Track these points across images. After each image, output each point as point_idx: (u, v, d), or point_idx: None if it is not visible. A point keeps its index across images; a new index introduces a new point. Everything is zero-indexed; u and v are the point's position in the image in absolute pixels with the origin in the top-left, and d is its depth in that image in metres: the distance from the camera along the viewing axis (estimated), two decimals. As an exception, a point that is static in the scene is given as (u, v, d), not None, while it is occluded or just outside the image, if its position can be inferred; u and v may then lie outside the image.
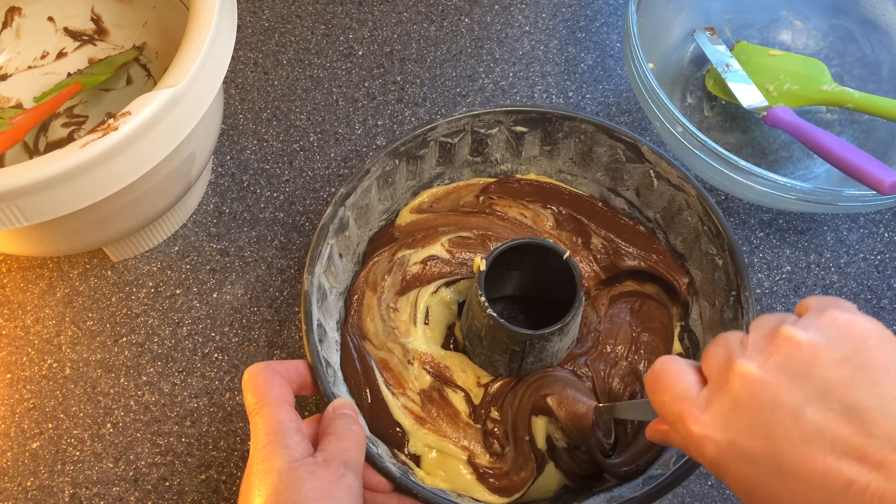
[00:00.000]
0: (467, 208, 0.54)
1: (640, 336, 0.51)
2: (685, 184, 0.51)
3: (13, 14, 0.60)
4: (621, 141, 0.52)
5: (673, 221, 0.53)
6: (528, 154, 0.55)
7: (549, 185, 0.55)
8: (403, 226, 0.53)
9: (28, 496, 0.50)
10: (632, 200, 0.54)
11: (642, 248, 0.53)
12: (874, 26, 0.66)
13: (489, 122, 0.52)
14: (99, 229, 0.50)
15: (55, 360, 0.55)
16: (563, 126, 0.53)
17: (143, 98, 0.42)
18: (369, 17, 0.70)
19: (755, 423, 0.29)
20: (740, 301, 0.47)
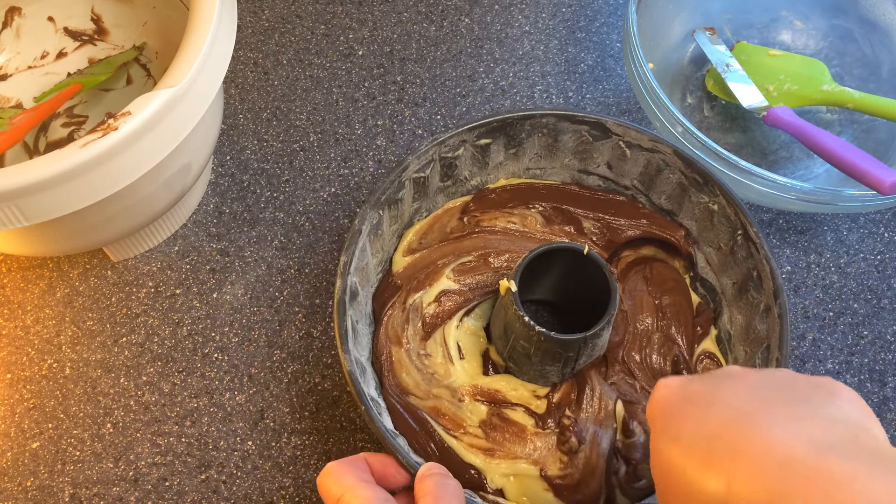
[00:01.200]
0: (456, 233, 0.53)
1: (661, 301, 0.52)
2: (659, 145, 0.51)
3: (13, 14, 0.60)
4: (584, 123, 0.52)
5: (653, 182, 0.53)
6: (494, 163, 0.54)
7: (523, 185, 0.55)
8: (401, 271, 0.52)
9: (28, 496, 0.50)
10: (605, 175, 0.55)
11: (630, 216, 0.54)
12: (874, 26, 0.66)
13: (454, 145, 0.51)
14: (99, 229, 0.50)
15: (55, 360, 0.55)
16: (524, 126, 0.52)
17: (143, 98, 0.42)
18: (369, 17, 0.70)
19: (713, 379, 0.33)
20: (749, 237, 0.49)
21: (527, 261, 0.46)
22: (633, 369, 0.50)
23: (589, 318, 0.46)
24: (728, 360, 0.51)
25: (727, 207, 0.50)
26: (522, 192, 0.55)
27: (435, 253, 0.52)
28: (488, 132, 0.52)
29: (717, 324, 0.52)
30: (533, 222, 0.54)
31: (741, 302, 0.51)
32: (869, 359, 0.57)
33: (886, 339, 0.58)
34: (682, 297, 0.53)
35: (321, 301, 0.57)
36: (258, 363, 0.55)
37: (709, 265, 0.53)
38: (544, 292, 0.54)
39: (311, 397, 0.54)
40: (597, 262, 0.46)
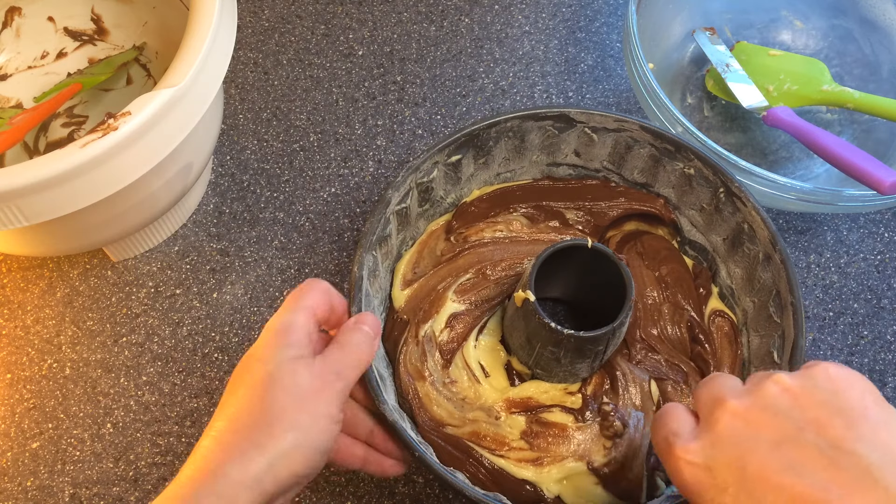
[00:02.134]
0: (447, 254, 0.52)
1: (660, 272, 0.53)
2: (625, 123, 0.51)
3: (13, 14, 0.60)
4: (548, 118, 0.52)
5: (624, 160, 0.54)
6: (465, 176, 0.53)
7: (498, 191, 0.55)
8: (404, 306, 0.51)
9: (28, 496, 0.50)
10: (573, 163, 0.55)
11: (607, 197, 0.54)
12: (874, 26, 0.66)
13: (428, 169, 0.50)
14: (99, 229, 0.50)
15: (55, 360, 0.55)
16: (490, 134, 0.52)
17: (143, 98, 0.42)
18: (369, 17, 0.70)
19: (734, 454, 0.32)
20: (732, 192, 0.49)
21: (536, 267, 0.45)
22: (653, 345, 0.51)
23: (601, 307, 0.47)
24: (737, 314, 0.52)
25: (704, 169, 0.51)
26: (500, 199, 0.54)
27: (432, 279, 0.51)
28: (458, 148, 0.51)
29: (717, 281, 0.53)
30: (518, 226, 0.54)
31: (737, 256, 0.51)
32: (869, 359, 0.57)
33: (886, 339, 0.58)
34: (677, 263, 0.53)
35: (321, 301, 0.57)
36: (258, 363, 0.55)
37: (694, 227, 0.54)
38: (553, 291, 0.54)
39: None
40: (603, 253, 0.46)
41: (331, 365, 0.38)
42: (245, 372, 0.37)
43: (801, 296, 0.47)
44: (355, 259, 0.46)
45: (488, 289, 0.51)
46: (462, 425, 0.47)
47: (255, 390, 0.36)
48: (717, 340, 0.51)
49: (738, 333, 0.51)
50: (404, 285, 0.51)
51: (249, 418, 0.35)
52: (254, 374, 0.37)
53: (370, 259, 0.47)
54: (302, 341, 0.38)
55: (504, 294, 0.52)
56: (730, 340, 0.51)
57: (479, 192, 0.55)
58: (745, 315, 0.51)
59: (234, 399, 0.36)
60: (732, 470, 0.31)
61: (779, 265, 0.47)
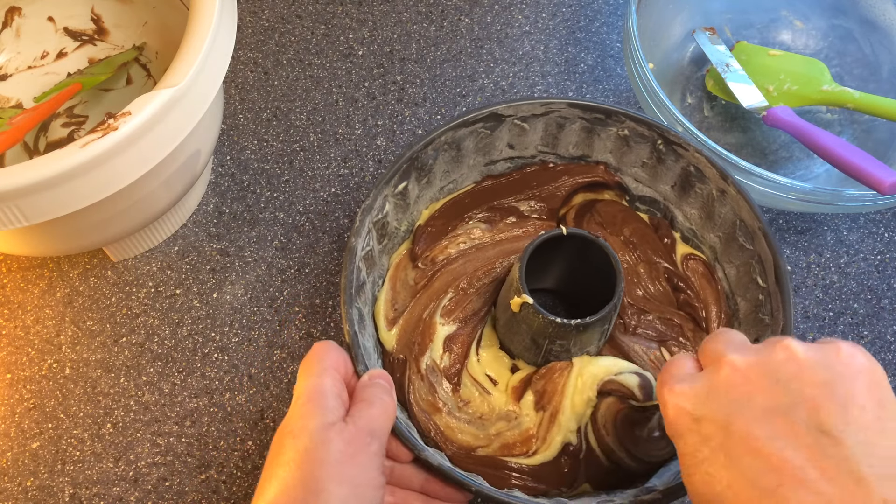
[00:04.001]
0: (421, 281, 0.52)
1: (624, 235, 0.54)
2: (552, 105, 0.52)
3: (13, 14, 0.60)
4: (478, 120, 0.52)
5: (557, 139, 0.54)
6: (412, 200, 0.53)
7: (447, 204, 0.54)
8: (397, 346, 0.50)
9: (28, 496, 0.50)
10: (509, 156, 0.55)
11: (551, 179, 0.55)
12: (874, 26, 0.66)
13: (380, 205, 0.49)
14: (99, 229, 0.50)
15: (55, 360, 0.55)
16: (428, 152, 0.51)
17: (143, 98, 0.42)
18: (369, 17, 0.70)
19: (724, 409, 0.32)
20: (671, 141, 0.51)
21: (523, 269, 0.45)
22: (642, 307, 0.52)
23: (588, 288, 0.49)
24: (705, 252, 0.54)
25: (638, 127, 0.52)
26: (452, 212, 0.54)
27: (415, 310, 0.50)
28: (402, 175, 0.50)
29: (675, 226, 0.55)
30: (479, 232, 0.54)
31: (689, 198, 0.53)
32: (869, 359, 0.57)
33: (886, 339, 0.58)
34: (636, 221, 0.55)
35: (321, 301, 0.57)
36: (258, 363, 0.55)
37: (640, 182, 0.55)
38: (538, 284, 0.54)
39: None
40: (580, 236, 0.47)
41: (362, 425, 0.37)
42: (280, 449, 0.36)
43: (767, 221, 0.49)
44: (343, 317, 0.45)
45: (472, 302, 0.51)
46: (489, 443, 0.47)
47: (290, 468, 0.35)
48: (696, 282, 0.53)
49: (712, 270, 0.53)
50: (389, 325, 0.50)
51: (289, 498, 0.35)
52: (288, 451, 0.36)
53: (355, 312, 0.46)
54: (333, 405, 0.38)
55: (488, 302, 0.51)
56: (707, 279, 0.53)
57: (428, 212, 0.54)
58: (713, 251, 0.53)
59: (272, 479, 0.36)
60: (718, 426, 0.32)
61: (735, 196, 0.50)
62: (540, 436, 0.47)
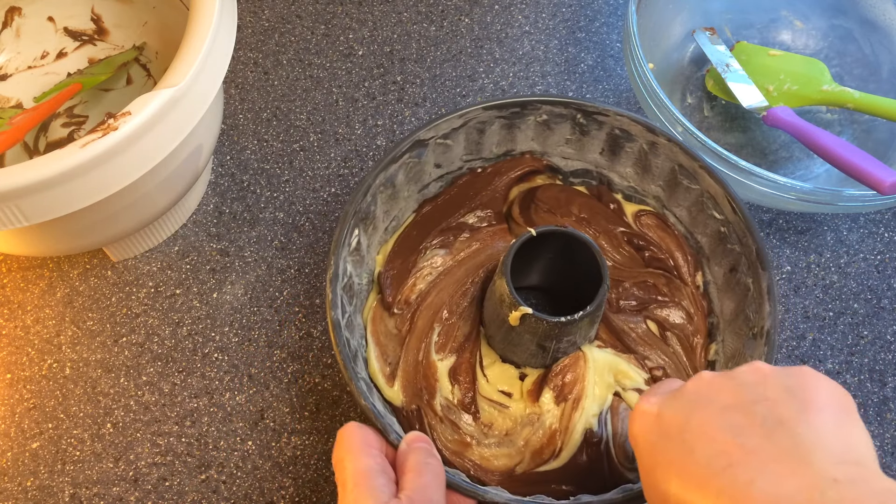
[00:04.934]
0: (403, 325, 0.50)
1: (573, 214, 0.54)
2: (468, 114, 0.52)
3: (13, 14, 0.60)
4: (405, 153, 0.50)
5: (479, 144, 0.55)
6: (364, 251, 0.51)
7: (397, 244, 0.53)
8: (405, 398, 0.48)
9: (28, 496, 0.50)
10: (438, 175, 0.55)
11: (484, 184, 0.55)
12: (874, 26, 0.66)
13: (343, 270, 0.48)
14: (99, 229, 0.50)
15: (55, 360, 0.55)
16: (367, 199, 0.49)
17: (143, 98, 0.42)
18: (369, 17, 0.70)
19: (686, 407, 0.33)
20: (590, 112, 0.52)
21: (511, 285, 0.45)
22: (616, 277, 0.53)
23: (564, 278, 0.51)
24: (649, 202, 0.55)
25: (554, 108, 0.53)
26: (405, 249, 0.53)
27: (409, 356, 0.49)
28: (352, 230, 0.49)
29: (614, 189, 0.56)
30: (440, 259, 0.53)
31: (621, 159, 0.55)
32: (869, 359, 0.57)
33: (886, 339, 0.58)
34: (579, 196, 0.55)
35: (321, 301, 0.57)
36: (258, 363, 0.55)
37: (568, 159, 0.56)
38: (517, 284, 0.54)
39: (311, 397, 0.54)
40: (550, 232, 0.47)
41: (418, 496, 0.37)
42: None
43: (706, 158, 0.51)
44: (355, 394, 0.43)
45: (460, 328, 0.51)
46: (522, 457, 0.47)
47: None
48: (654, 235, 0.55)
49: (664, 218, 0.55)
50: (389, 381, 0.49)
51: None
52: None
53: (362, 384, 0.45)
54: (383, 484, 0.37)
55: (475, 323, 0.51)
56: (662, 228, 0.55)
57: (382, 257, 0.53)
58: (658, 200, 0.55)
59: None
60: (677, 420, 0.33)
61: (667, 145, 0.52)
62: (562, 427, 0.47)
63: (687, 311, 0.52)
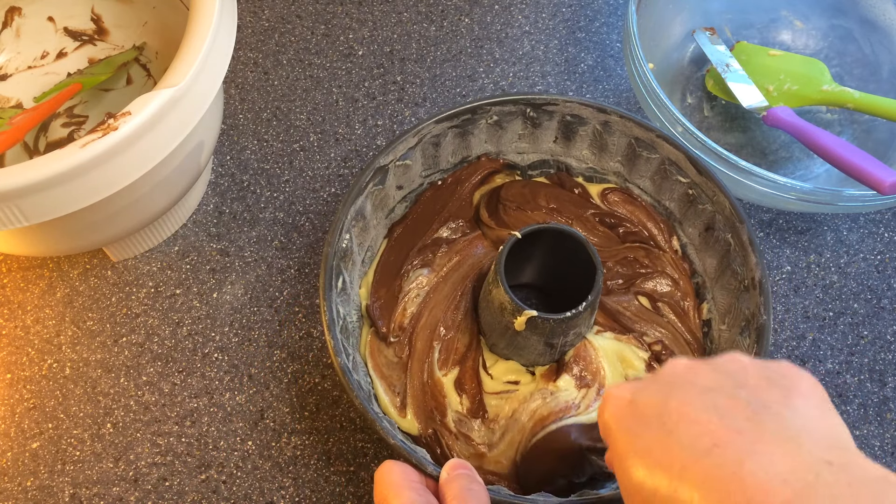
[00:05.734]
0: (403, 351, 0.50)
1: (542, 207, 0.55)
2: (422, 130, 0.52)
3: (13, 14, 0.60)
4: (370, 182, 0.50)
5: (436, 159, 0.55)
6: (349, 288, 0.50)
7: (378, 272, 0.53)
8: (419, 423, 0.48)
9: (28, 496, 0.50)
10: (402, 196, 0.55)
11: (447, 195, 0.55)
12: (874, 26, 0.66)
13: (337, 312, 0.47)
14: (99, 229, 0.50)
15: (55, 360, 0.55)
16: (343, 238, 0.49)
17: (143, 98, 0.42)
18: (369, 17, 0.70)
19: (662, 390, 0.31)
20: (539, 105, 0.53)
21: (510, 292, 0.45)
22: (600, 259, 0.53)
23: (557, 271, 0.52)
24: (611, 179, 0.57)
25: (504, 108, 0.53)
26: (386, 275, 0.52)
27: (414, 381, 0.49)
28: (337, 273, 0.48)
29: (573, 173, 0.57)
30: (424, 279, 0.53)
31: (576, 143, 0.56)
32: (869, 359, 0.57)
33: (886, 339, 0.58)
34: (543, 188, 0.56)
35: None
36: (258, 363, 0.55)
37: (523, 153, 0.57)
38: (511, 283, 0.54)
39: (311, 397, 0.54)
40: (536, 231, 0.47)
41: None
42: None
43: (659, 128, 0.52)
44: (383, 436, 0.43)
45: (459, 341, 0.51)
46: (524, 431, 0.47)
47: None
48: (623, 210, 0.56)
49: (628, 191, 0.56)
50: (401, 411, 0.49)
51: None
52: None
53: (385, 423, 0.45)
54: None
55: (474, 333, 0.51)
56: (629, 202, 0.56)
57: (365, 290, 0.52)
58: (619, 175, 0.56)
59: None
60: (654, 404, 0.31)
61: (620, 121, 0.53)
62: (583, 406, 0.47)
63: (671, 278, 0.53)
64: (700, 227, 0.53)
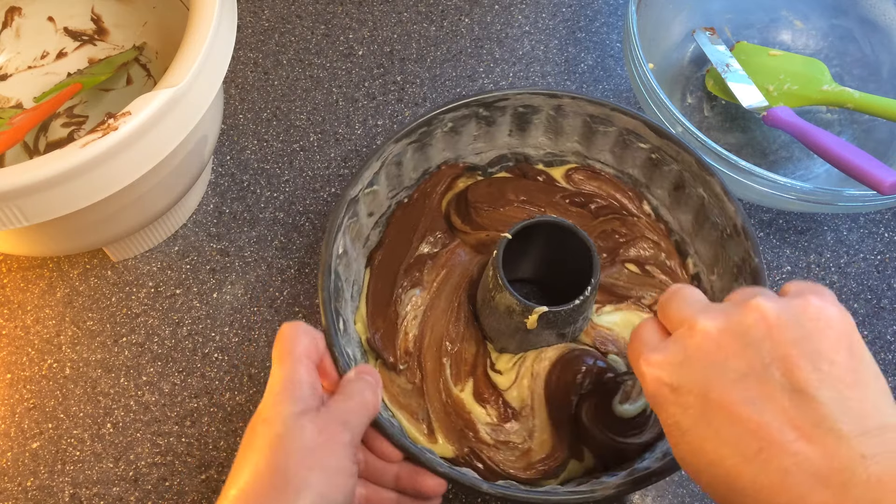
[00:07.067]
0: (416, 378, 0.49)
1: (512, 201, 0.55)
2: (382, 153, 0.51)
3: (13, 14, 0.60)
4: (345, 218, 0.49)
5: (398, 178, 0.55)
6: (349, 329, 0.49)
7: (370, 304, 0.52)
8: (454, 447, 0.47)
9: (28, 496, 0.50)
10: (374, 223, 0.54)
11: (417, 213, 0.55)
12: (874, 26, 0.66)
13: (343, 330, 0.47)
14: (99, 229, 0.50)
15: (55, 360, 0.55)
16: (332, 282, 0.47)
17: (143, 98, 0.42)
18: (369, 17, 0.70)
19: (700, 377, 0.32)
20: (489, 103, 0.53)
21: (516, 294, 0.45)
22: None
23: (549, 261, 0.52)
24: (570, 160, 0.57)
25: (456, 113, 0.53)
26: (379, 304, 0.51)
27: (434, 403, 0.49)
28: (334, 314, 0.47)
29: (532, 162, 0.58)
30: (418, 299, 0.52)
31: (531, 132, 0.56)
32: (869, 359, 0.57)
33: (886, 339, 0.58)
34: (508, 183, 0.56)
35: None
36: (258, 363, 0.55)
37: (480, 153, 0.57)
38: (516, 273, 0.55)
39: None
40: (526, 227, 0.48)
41: (336, 416, 0.38)
42: (253, 436, 0.37)
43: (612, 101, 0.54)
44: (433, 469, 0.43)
45: (466, 350, 0.50)
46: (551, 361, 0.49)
47: (263, 454, 0.36)
48: (591, 186, 0.56)
49: (590, 167, 0.57)
50: (431, 437, 0.48)
51: (261, 484, 0.35)
52: (261, 437, 0.36)
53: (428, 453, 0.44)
54: (307, 394, 0.38)
55: (477, 338, 0.51)
56: (593, 178, 0.57)
57: (361, 325, 0.51)
58: (579, 155, 0.57)
59: (245, 465, 0.36)
60: (696, 394, 0.32)
61: (572, 102, 0.53)
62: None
63: (651, 240, 0.54)
64: (668, 188, 0.54)
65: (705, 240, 0.53)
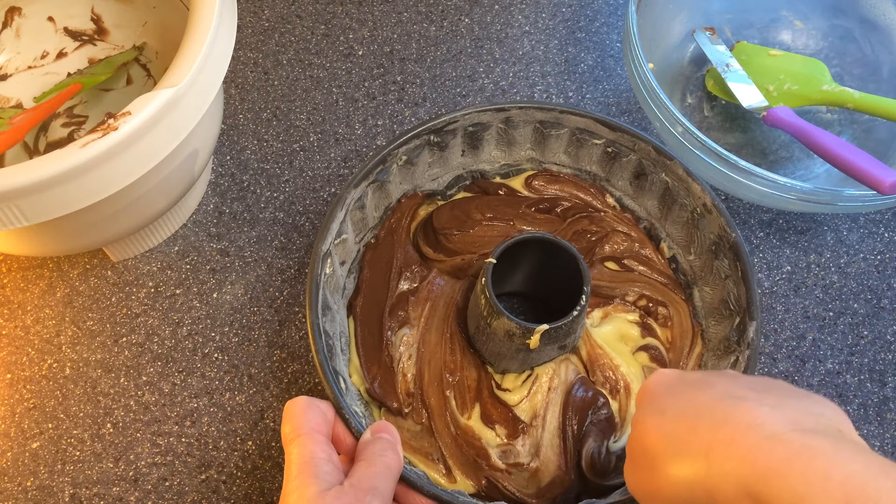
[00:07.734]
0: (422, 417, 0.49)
1: (479, 220, 0.55)
2: (343, 200, 0.50)
3: (13, 14, 0.60)
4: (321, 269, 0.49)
5: (364, 222, 0.54)
6: (344, 384, 0.48)
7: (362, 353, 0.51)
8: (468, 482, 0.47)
9: (28, 496, 0.50)
10: (346, 271, 0.53)
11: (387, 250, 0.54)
12: (874, 26, 0.66)
13: (344, 388, 0.47)
14: (99, 229, 0.50)
15: (55, 360, 0.55)
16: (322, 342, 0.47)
17: (143, 98, 0.42)
18: (369, 17, 0.70)
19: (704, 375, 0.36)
20: (439, 129, 0.53)
21: (515, 318, 0.45)
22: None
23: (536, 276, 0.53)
24: (526, 167, 0.58)
25: (409, 145, 0.53)
26: (370, 349, 0.50)
27: (444, 438, 0.48)
28: (333, 374, 0.46)
29: (488, 176, 0.58)
30: (409, 338, 0.51)
31: (483, 149, 0.57)
32: (869, 359, 0.57)
33: (886, 339, 0.58)
34: (471, 202, 0.55)
35: (321, 301, 0.57)
36: (258, 363, 0.55)
37: (437, 178, 0.57)
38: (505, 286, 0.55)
39: (311, 397, 0.54)
40: (514, 244, 0.48)
41: (362, 486, 0.37)
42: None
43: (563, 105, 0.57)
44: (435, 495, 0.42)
45: (467, 378, 0.50)
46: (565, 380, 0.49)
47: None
48: (553, 190, 0.57)
49: (549, 171, 0.57)
50: (449, 477, 0.47)
51: None
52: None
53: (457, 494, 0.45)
54: (327, 471, 0.37)
55: (476, 364, 0.50)
56: (554, 181, 0.57)
57: (357, 376, 0.50)
58: (533, 161, 0.58)
59: None
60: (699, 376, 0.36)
61: (520, 112, 0.54)
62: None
63: (622, 233, 0.55)
64: (629, 177, 0.55)
65: (675, 222, 0.54)
